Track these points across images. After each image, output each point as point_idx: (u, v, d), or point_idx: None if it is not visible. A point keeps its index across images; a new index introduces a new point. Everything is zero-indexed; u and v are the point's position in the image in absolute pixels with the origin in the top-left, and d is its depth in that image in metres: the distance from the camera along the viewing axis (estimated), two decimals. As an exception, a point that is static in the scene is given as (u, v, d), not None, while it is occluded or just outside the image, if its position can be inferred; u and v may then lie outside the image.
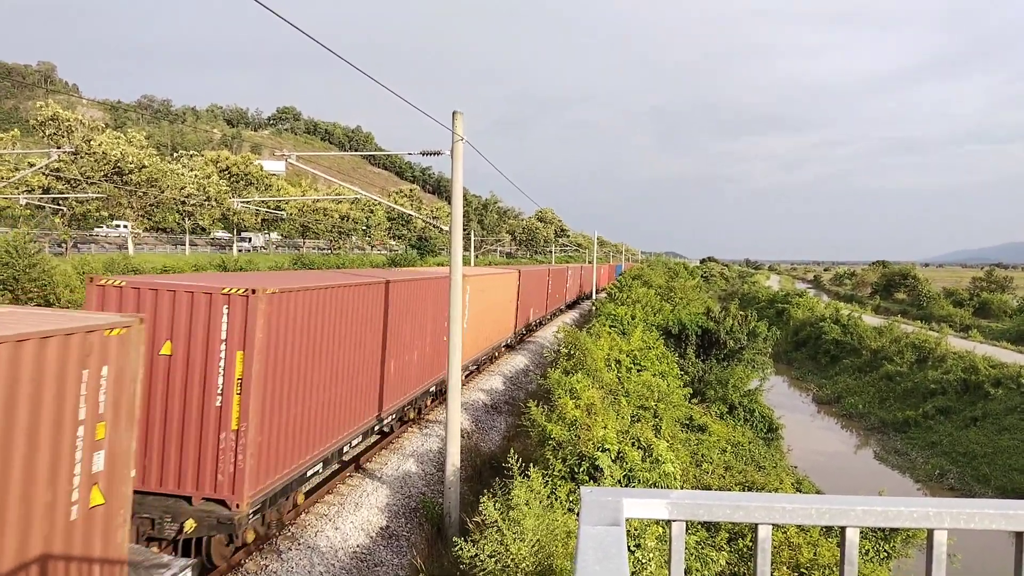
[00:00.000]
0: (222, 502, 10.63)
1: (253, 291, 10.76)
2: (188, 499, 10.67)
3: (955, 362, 37.68)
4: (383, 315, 16.52)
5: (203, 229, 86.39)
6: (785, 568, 11.58)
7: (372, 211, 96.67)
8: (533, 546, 8.21)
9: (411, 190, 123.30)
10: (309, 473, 12.99)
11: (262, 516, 11.53)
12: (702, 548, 11.99)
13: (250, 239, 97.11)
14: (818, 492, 20.38)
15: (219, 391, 10.64)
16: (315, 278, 14.41)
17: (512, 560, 8.08)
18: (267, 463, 11.38)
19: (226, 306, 10.72)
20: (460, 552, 8.58)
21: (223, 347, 10.65)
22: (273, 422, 11.45)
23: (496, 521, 8.57)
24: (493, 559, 8.21)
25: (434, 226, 20.42)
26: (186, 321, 10.76)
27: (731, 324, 30.35)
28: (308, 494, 14.40)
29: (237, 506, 10.58)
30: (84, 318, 7.81)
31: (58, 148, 46.70)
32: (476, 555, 8.34)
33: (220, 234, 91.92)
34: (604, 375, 19.39)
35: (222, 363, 10.63)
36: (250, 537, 11.48)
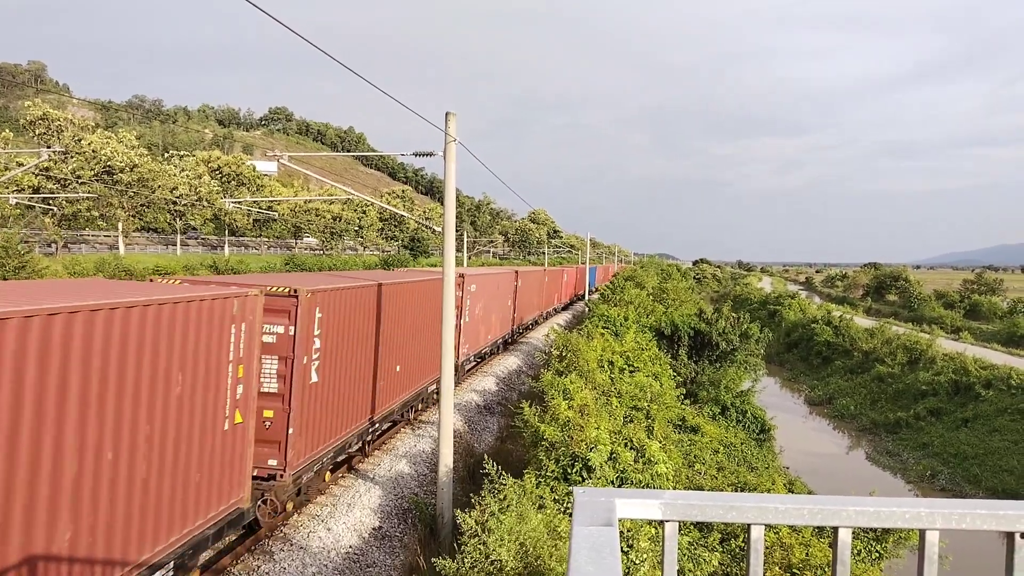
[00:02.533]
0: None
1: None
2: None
3: (946, 364, 37.85)
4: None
5: (194, 229, 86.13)
6: (777, 568, 11.59)
7: (364, 212, 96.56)
8: (516, 552, 8.18)
9: (404, 191, 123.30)
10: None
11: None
12: (695, 549, 12.00)
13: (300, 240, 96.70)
14: (810, 493, 20.44)
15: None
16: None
17: (494, 567, 8.06)
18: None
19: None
20: (444, 568, 8.55)
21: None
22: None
23: (475, 530, 8.57)
24: (475, 569, 8.19)
25: (427, 227, 20.42)
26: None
27: (723, 326, 30.41)
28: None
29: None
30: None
31: (48, 148, 46.52)
32: (458, 570, 8.33)
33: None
34: (597, 376, 19.40)
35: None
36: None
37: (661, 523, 2.52)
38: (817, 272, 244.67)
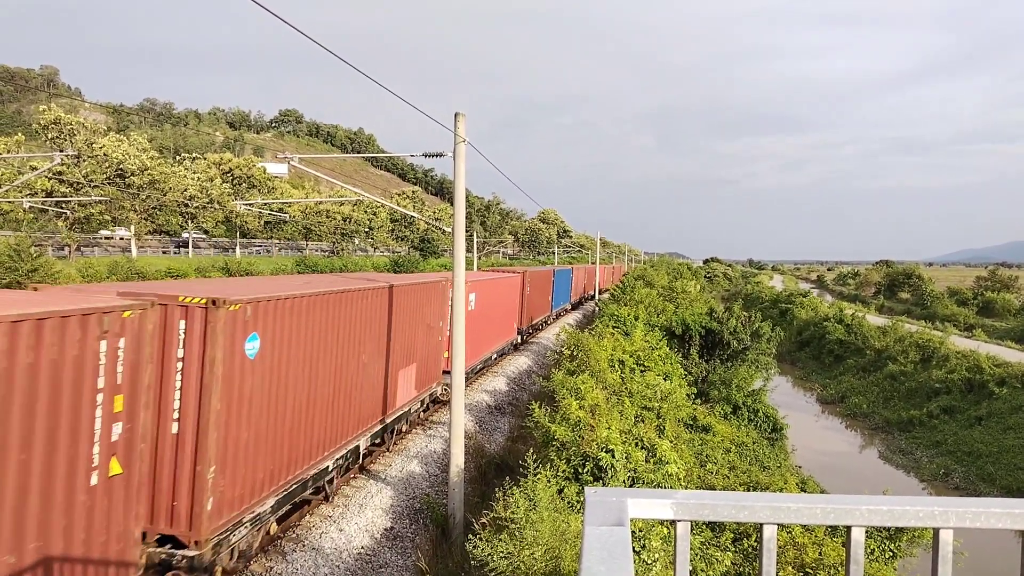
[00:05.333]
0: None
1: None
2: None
3: (959, 361, 37.61)
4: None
5: (206, 232, 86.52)
6: (790, 568, 11.55)
7: (375, 213, 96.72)
8: (549, 550, 8.20)
9: (413, 192, 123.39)
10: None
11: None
12: (707, 548, 11.98)
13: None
14: (823, 492, 20.35)
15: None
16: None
17: (524, 562, 8.08)
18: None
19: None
20: (475, 550, 8.56)
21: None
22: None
23: (519, 518, 8.56)
24: (506, 560, 8.20)
25: (437, 228, 20.42)
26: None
27: (735, 324, 30.30)
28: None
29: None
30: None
31: (61, 151, 46.83)
32: (489, 554, 8.33)
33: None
34: (608, 376, 19.38)
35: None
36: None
37: (673, 523, 2.52)
38: (829, 270, 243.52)
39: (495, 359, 30.60)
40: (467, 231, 15.41)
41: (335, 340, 13.54)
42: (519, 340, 36.31)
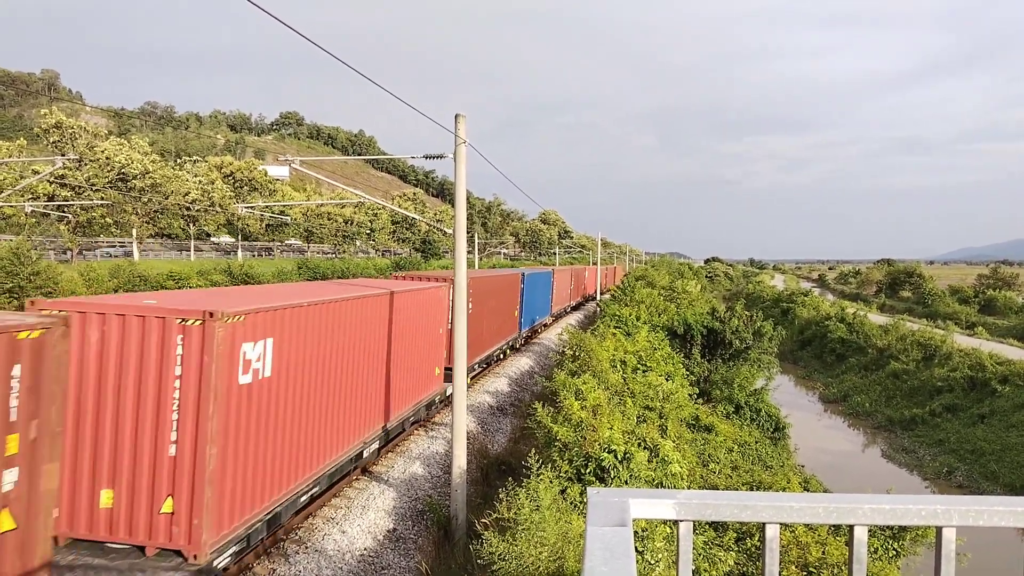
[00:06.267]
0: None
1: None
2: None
3: (961, 359, 37.57)
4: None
5: (208, 235, 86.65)
6: (793, 567, 11.54)
7: (376, 215, 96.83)
8: (553, 551, 8.21)
9: (414, 193, 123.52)
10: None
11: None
12: (710, 548, 11.97)
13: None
14: (826, 491, 20.33)
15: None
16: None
17: (531, 562, 8.08)
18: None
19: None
20: (484, 548, 8.56)
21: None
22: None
23: (524, 520, 8.57)
24: (516, 561, 8.21)
25: (438, 229, 20.46)
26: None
27: (736, 324, 30.29)
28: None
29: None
30: None
31: (62, 155, 46.93)
32: (499, 554, 8.33)
33: (225, 239, 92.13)
34: (609, 376, 19.38)
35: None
36: None
37: (675, 523, 2.52)
38: (830, 269, 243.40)
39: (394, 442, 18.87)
40: (468, 232, 15.39)
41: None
42: (437, 398, 20.63)
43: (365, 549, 13.31)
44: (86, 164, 57.68)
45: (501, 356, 31.18)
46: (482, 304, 25.03)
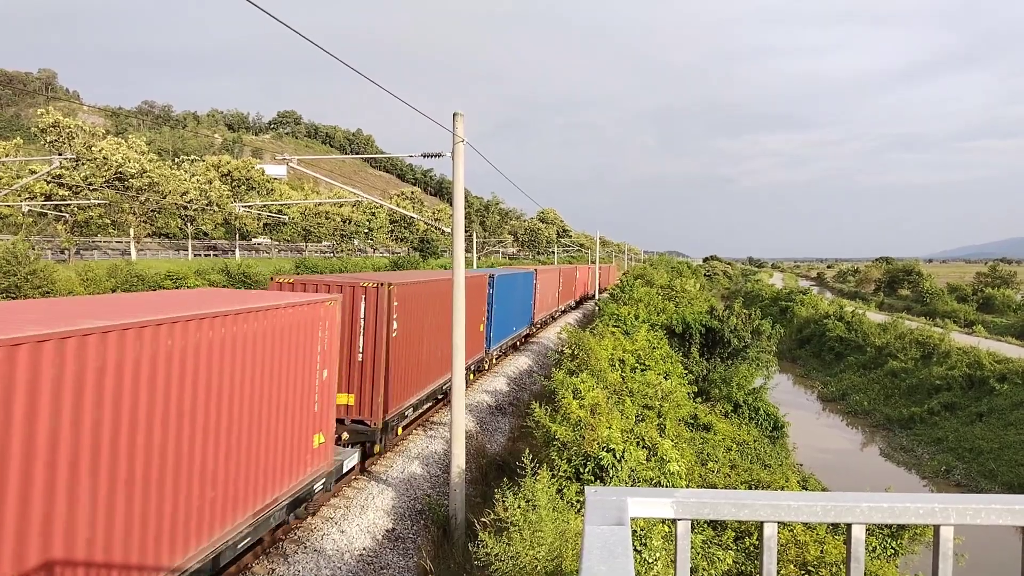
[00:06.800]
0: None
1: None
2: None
3: (960, 358, 37.61)
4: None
5: (205, 234, 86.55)
6: (792, 566, 11.55)
7: (374, 214, 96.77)
8: (550, 551, 8.21)
9: (412, 192, 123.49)
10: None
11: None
12: (708, 547, 11.98)
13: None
14: (824, 490, 20.34)
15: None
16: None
17: (529, 562, 8.08)
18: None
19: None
20: (482, 548, 8.56)
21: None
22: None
23: (518, 521, 8.57)
24: (512, 560, 8.20)
25: (436, 228, 20.43)
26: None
27: (735, 322, 30.30)
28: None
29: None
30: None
31: (59, 155, 46.87)
32: (496, 554, 8.33)
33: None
34: (608, 375, 19.38)
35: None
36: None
37: (674, 522, 2.51)
38: (829, 267, 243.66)
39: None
40: (466, 231, 15.35)
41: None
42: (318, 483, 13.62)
43: (364, 549, 13.30)
44: (83, 163, 57.59)
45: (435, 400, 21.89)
46: (417, 320, 18.29)
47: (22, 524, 6.63)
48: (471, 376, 26.33)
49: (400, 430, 18.27)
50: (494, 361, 30.72)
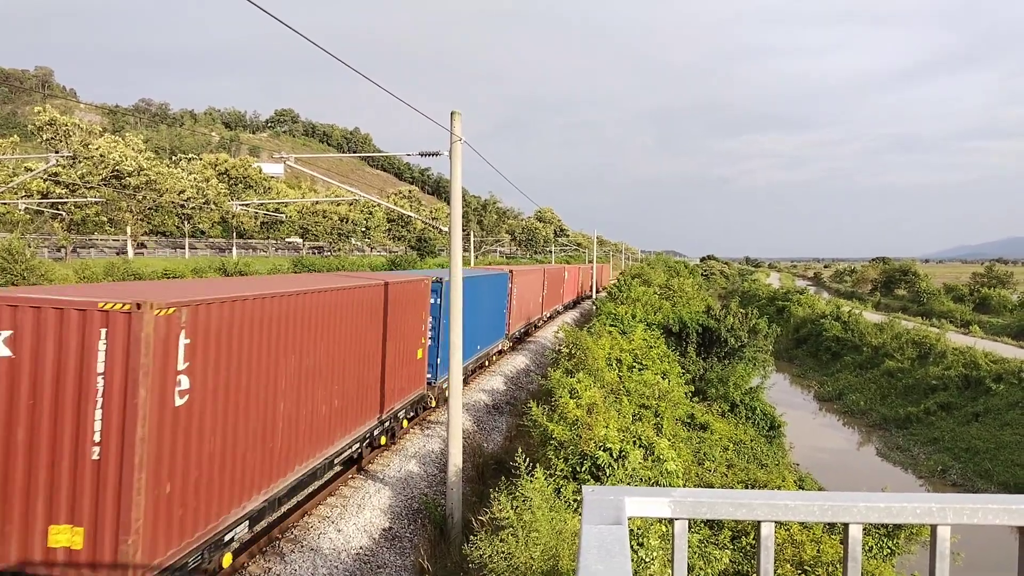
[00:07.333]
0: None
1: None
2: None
3: (956, 358, 37.69)
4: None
5: (203, 232, 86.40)
6: (788, 565, 11.56)
7: (371, 213, 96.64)
8: (546, 550, 8.20)
9: (410, 191, 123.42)
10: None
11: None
12: (705, 546, 11.98)
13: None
14: (821, 489, 20.36)
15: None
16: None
17: (523, 562, 8.08)
18: None
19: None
20: (474, 550, 8.56)
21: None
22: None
23: (512, 521, 8.57)
24: (506, 561, 8.20)
25: (433, 227, 20.39)
26: None
27: (732, 322, 30.32)
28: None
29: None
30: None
31: (56, 153, 46.73)
32: (489, 555, 8.32)
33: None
34: (605, 374, 19.39)
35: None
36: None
37: (671, 521, 2.52)
38: (825, 267, 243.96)
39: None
40: (464, 230, 15.37)
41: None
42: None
43: (361, 548, 13.29)
44: (80, 161, 57.41)
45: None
46: (257, 363, 10.96)
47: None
48: (403, 423, 19.09)
49: None
50: (446, 395, 19.50)
